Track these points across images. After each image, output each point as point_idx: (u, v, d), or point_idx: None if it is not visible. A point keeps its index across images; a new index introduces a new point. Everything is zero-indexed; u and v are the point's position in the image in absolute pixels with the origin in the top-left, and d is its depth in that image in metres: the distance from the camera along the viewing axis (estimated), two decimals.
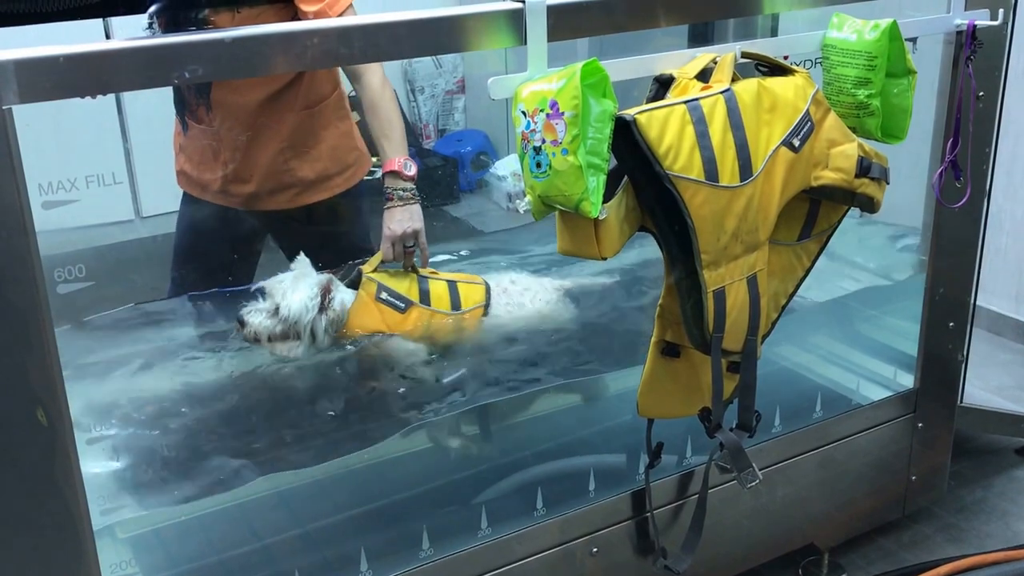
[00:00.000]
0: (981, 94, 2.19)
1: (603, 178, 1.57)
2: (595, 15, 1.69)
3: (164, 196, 2.54)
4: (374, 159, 2.59)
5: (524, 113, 1.56)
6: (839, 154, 1.84)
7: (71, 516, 1.46)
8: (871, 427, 2.43)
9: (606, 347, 2.31)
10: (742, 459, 1.91)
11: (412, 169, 2.22)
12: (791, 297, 1.98)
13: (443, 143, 5.28)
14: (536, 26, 1.59)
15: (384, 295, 2.14)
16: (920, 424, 2.50)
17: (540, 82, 1.56)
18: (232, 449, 1.93)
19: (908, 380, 2.48)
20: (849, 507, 2.49)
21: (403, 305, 2.15)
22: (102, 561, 1.52)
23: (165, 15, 2.17)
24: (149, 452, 1.92)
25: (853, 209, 1.94)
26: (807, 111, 1.78)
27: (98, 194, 1.64)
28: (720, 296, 1.76)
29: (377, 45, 1.56)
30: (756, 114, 1.72)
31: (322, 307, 2.08)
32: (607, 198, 1.60)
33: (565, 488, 2.08)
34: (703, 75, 1.74)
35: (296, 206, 2.42)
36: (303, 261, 2.15)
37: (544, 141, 1.54)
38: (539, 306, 2.26)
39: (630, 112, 1.59)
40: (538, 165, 1.56)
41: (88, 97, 1.36)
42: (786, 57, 1.86)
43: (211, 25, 2.16)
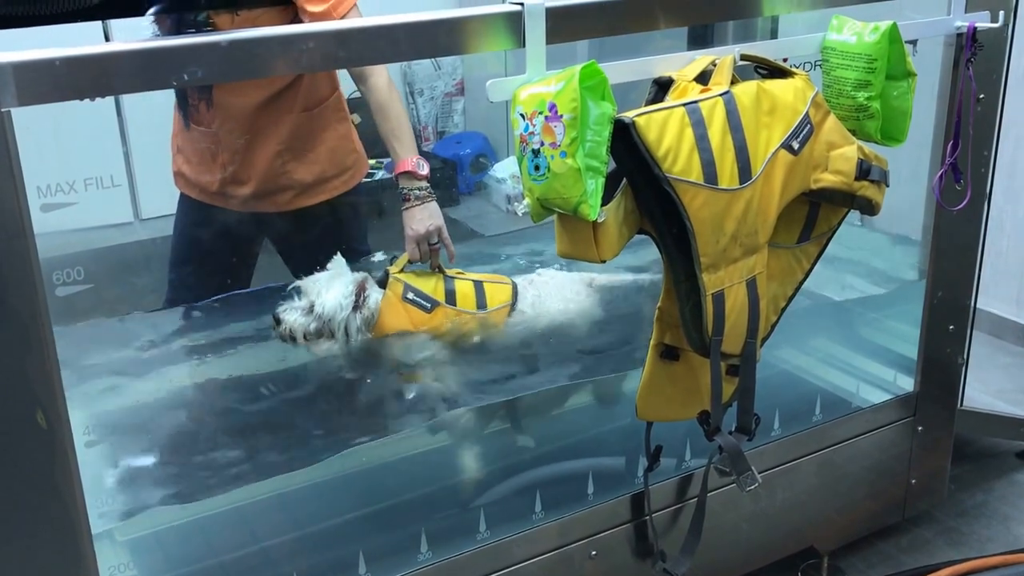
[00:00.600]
0: (981, 97, 2.18)
1: (602, 181, 1.57)
2: (594, 17, 1.69)
3: (164, 198, 2.54)
4: (372, 161, 2.59)
5: (523, 116, 1.56)
6: (839, 156, 1.83)
7: (70, 519, 1.46)
8: (871, 430, 2.43)
9: (621, 347, 2.29)
10: (741, 462, 1.91)
11: (425, 168, 2.24)
12: (790, 300, 1.98)
13: (442, 145, 5.28)
14: (535, 28, 1.59)
15: (410, 295, 2.16)
16: (920, 427, 2.49)
17: (539, 84, 1.56)
18: (231, 452, 1.93)
19: (908, 383, 2.47)
20: (849, 510, 2.48)
21: (429, 305, 2.16)
22: (101, 564, 1.52)
23: (167, 18, 2.17)
24: (148, 455, 1.92)
25: (853, 212, 1.94)
26: (806, 113, 1.78)
27: (97, 197, 1.64)
28: (719, 299, 1.75)
29: (375, 48, 1.57)
30: (755, 116, 1.72)
31: (356, 305, 2.10)
32: (606, 201, 1.60)
33: (564, 491, 2.07)
34: (702, 77, 1.73)
35: (294, 208, 2.42)
36: (339, 261, 2.17)
37: (543, 144, 1.54)
38: (564, 304, 2.26)
39: (629, 114, 1.59)
40: (536, 168, 1.56)
41: (87, 99, 1.36)
42: (785, 59, 1.86)
43: (212, 27, 2.16)
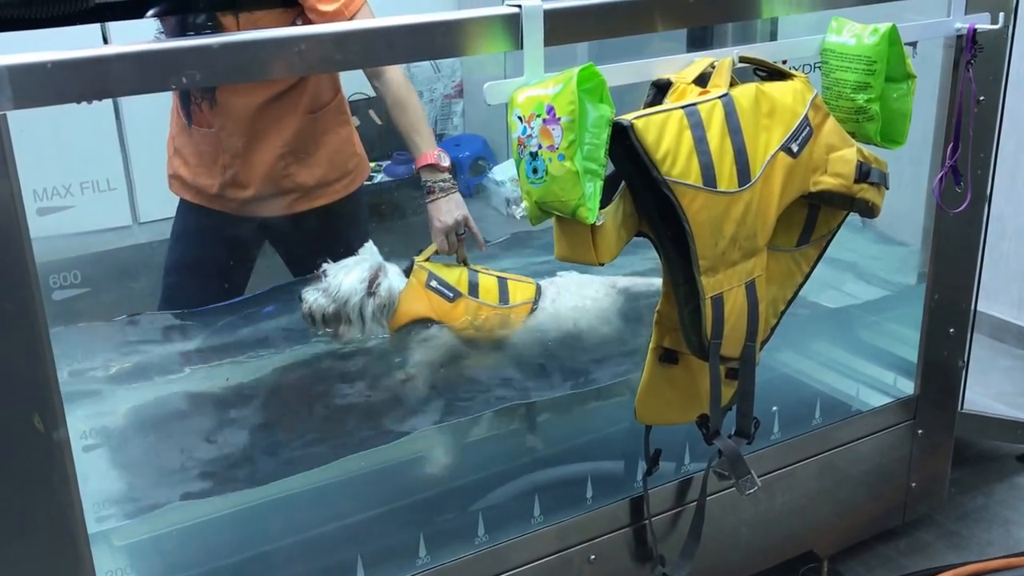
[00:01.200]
0: (981, 99, 2.18)
1: (600, 184, 1.57)
2: (592, 19, 1.68)
3: (162, 201, 2.53)
4: (372, 164, 2.59)
5: (520, 118, 1.56)
6: (838, 159, 1.83)
7: (67, 522, 1.45)
8: (871, 434, 2.42)
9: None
10: (740, 466, 1.90)
11: (446, 160, 2.28)
12: (790, 303, 1.97)
13: (441, 148, 5.25)
14: (532, 30, 1.58)
15: (434, 283, 2.17)
16: (920, 431, 2.49)
17: (537, 87, 1.56)
18: (229, 456, 1.93)
19: (908, 386, 2.47)
20: (849, 514, 2.48)
21: (451, 295, 2.17)
22: (98, 568, 1.52)
23: (171, 20, 2.17)
24: (145, 459, 1.92)
25: (852, 214, 1.93)
26: (806, 116, 1.77)
27: (94, 200, 1.64)
28: (718, 302, 1.75)
29: (373, 50, 1.56)
30: (754, 119, 1.71)
31: (369, 291, 2.11)
32: (604, 204, 1.59)
33: (563, 495, 2.07)
34: (701, 80, 1.73)
35: (294, 212, 2.42)
36: (369, 248, 2.19)
37: (541, 146, 1.54)
38: (585, 305, 2.25)
39: (627, 117, 1.58)
40: (534, 171, 1.55)
41: (84, 102, 1.36)
42: (784, 62, 1.85)
43: (216, 28, 2.16)
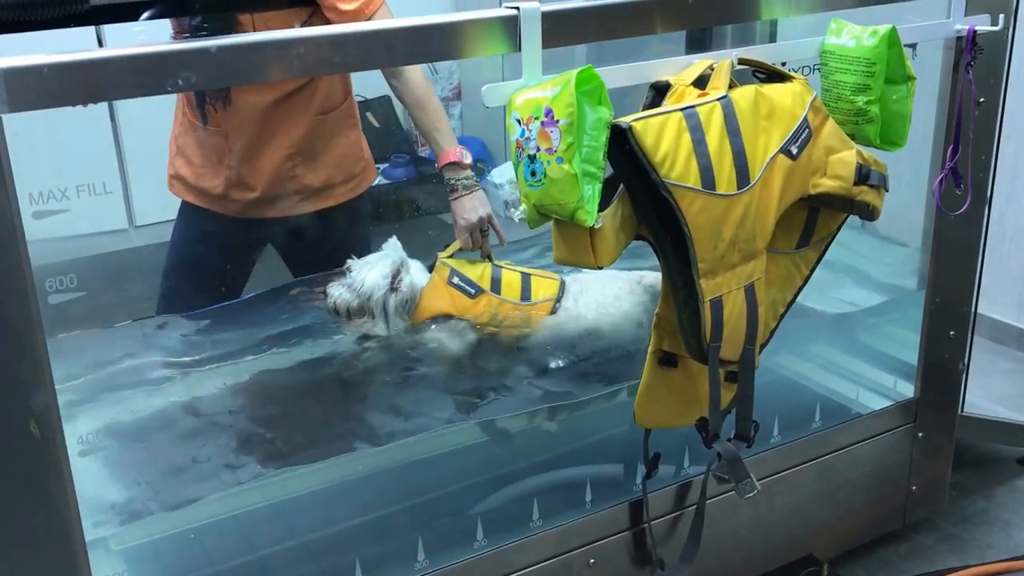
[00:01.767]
0: (981, 100, 2.17)
1: (599, 186, 1.56)
2: (590, 21, 1.68)
3: (158, 205, 2.53)
4: (377, 167, 2.58)
5: (519, 121, 1.55)
6: (838, 161, 1.82)
7: (64, 528, 1.45)
8: (871, 437, 2.42)
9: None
10: (740, 469, 1.90)
11: (468, 158, 2.28)
12: (789, 306, 1.97)
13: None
14: (530, 33, 1.58)
15: (456, 280, 2.18)
16: (920, 434, 2.48)
17: (535, 89, 1.55)
18: (227, 460, 1.92)
19: (908, 389, 2.46)
20: (849, 517, 2.47)
21: (473, 291, 2.17)
22: (95, 574, 1.51)
23: (183, 22, 2.16)
24: (142, 464, 1.91)
25: (852, 217, 1.93)
26: (805, 118, 1.77)
27: (90, 203, 1.63)
28: (717, 305, 1.74)
29: (371, 52, 1.56)
30: (753, 121, 1.71)
31: (392, 287, 2.12)
32: (603, 206, 1.59)
33: (562, 499, 2.06)
34: (700, 82, 1.72)
35: (297, 214, 2.41)
36: (392, 243, 2.19)
37: (539, 149, 1.53)
38: (608, 303, 2.24)
39: (626, 119, 1.58)
40: (533, 174, 1.55)
41: (79, 105, 1.35)
42: (784, 63, 1.85)
43: (236, 28, 2.17)
